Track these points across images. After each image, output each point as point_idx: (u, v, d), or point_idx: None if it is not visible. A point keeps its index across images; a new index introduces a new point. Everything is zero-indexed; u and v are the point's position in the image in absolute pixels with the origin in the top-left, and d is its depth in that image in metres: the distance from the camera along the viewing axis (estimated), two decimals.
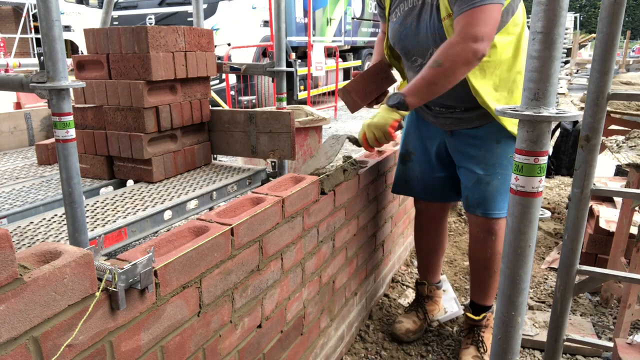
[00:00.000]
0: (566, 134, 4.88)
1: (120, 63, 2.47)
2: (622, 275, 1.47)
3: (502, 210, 1.92)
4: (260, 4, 8.52)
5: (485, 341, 2.07)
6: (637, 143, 2.37)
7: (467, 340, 2.10)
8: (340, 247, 1.89)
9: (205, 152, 2.90)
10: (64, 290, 0.81)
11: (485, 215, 1.93)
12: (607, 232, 2.62)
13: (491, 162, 1.89)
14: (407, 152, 2.18)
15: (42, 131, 3.48)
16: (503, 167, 1.90)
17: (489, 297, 2.09)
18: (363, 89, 2.06)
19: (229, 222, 1.22)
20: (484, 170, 1.90)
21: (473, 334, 2.09)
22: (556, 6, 0.93)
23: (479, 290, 2.10)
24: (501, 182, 1.90)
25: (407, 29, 1.87)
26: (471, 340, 2.08)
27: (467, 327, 2.12)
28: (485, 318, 2.09)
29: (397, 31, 1.91)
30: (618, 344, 1.39)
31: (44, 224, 1.96)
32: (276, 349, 1.51)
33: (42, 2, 1.41)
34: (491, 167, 1.89)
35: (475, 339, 2.07)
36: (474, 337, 2.08)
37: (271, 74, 3.00)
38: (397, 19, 1.90)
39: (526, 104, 0.99)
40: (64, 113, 1.51)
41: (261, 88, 8.62)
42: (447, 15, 1.71)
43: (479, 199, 1.93)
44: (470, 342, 2.07)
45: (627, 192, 1.46)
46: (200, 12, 3.33)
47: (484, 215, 1.93)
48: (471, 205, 1.97)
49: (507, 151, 1.89)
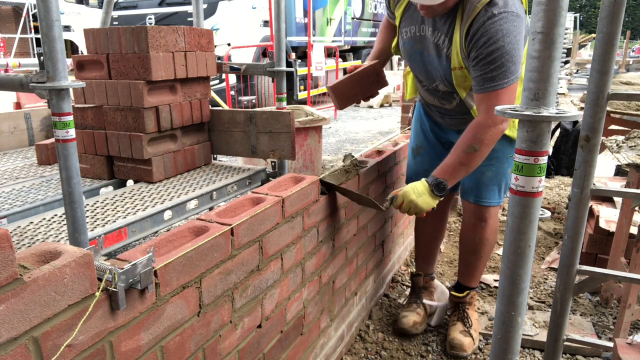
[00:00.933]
0: (566, 134, 4.88)
1: (120, 63, 2.47)
2: (622, 275, 1.47)
3: (493, 200, 2.10)
4: (260, 4, 8.52)
5: (470, 316, 2.22)
6: (637, 143, 2.37)
7: (453, 317, 2.24)
8: (340, 247, 1.89)
9: (205, 152, 2.90)
10: (64, 290, 0.81)
11: (477, 202, 2.10)
12: (607, 232, 2.63)
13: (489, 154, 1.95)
14: (417, 147, 2.31)
15: (42, 131, 3.48)
16: (498, 160, 2.03)
17: (474, 279, 2.26)
18: (347, 91, 2.07)
19: (229, 222, 1.22)
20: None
21: (458, 310, 2.24)
22: (556, 6, 0.93)
23: (465, 273, 2.25)
24: (494, 173, 2.05)
25: (416, 54, 1.96)
26: (457, 317, 2.23)
27: (453, 305, 2.28)
28: (469, 295, 2.24)
29: (407, 51, 1.99)
30: (618, 344, 1.39)
31: (44, 224, 1.96)
32: (276, 349, 1.51)
33: (42, 2, 1.41)
34: (487, 159, 1.93)
35: (460, 315, 2.22)
36: (459, 314, 2.23)
37: (271, 74, 3.00)
38: (408, 39, 1.96)
39: (526, 104, 0.99)
40: (64, 113, 1.51)
41: (261, 88, 8.62)
42: (459, 67, 1.79)
43: (472, 186, 2.09)
44: (457, 318, 2.22)
45: (627, 192, 1.46)
46: (200, 12, 3.33)
47: (476, 202, 2.10)
48: (465, 192, 2.13)
49: (504, 147, 2.00)
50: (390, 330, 2.28)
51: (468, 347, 2.12)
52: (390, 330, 2.28)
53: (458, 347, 2.11)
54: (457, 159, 1.78)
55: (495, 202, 2.10)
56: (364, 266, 2.20)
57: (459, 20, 1.74)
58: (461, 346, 2.11)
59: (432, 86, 1.99)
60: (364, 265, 2.20)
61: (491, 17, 1.65)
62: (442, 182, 1.78)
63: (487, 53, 1.66)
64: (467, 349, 2.11)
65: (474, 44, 1.69)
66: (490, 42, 1.65)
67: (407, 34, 1.94)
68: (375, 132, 7.75)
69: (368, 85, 2.09)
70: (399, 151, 2.48)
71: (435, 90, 2.01)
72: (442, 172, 1.79)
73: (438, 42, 1.83)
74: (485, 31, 1.65)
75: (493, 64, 1.67)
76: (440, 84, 1.95)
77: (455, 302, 2.26)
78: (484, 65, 1.68)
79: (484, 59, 1.68)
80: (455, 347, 2.11)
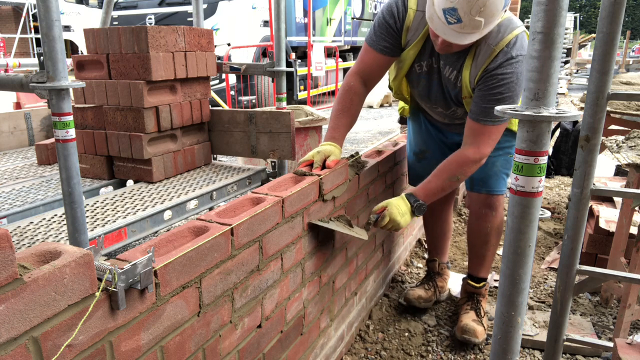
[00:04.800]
0: (566, 134, 4.88)
1: (120, 63, 2.46)
2: (622, 275, 1.47)
3: (502, 188, 2.16)
4: (260, 4, 8.52)
5: (482, 307, 2.27)
6: (637, 143, 2.37)
7: (466, 306, 2.28)
8: (340, 247, 1.89)
9: (205, 152, 2.90)
10: (64, 290, 0.81)
11: (489, 192, 2.15)
12: (607, 232, 2.63)
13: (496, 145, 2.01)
14: (422, 151, 2.35)
15: (42, 131, 3.48)
16: (504, 150, 2.10)
17: (486, 270, 2.30)
18: None
19: (229, 222, 1.22)
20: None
21: (472, 300, 2.29)
22: (556, 6, 0.93)
23: (477, 263, 2.28)
24: (502, 163, 2.13)
25: (432, 84, 2.00)
26: (470, 306, 2.27)
27: (466, 294, 2.32)
28: (484, 287, 2.29)
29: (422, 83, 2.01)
30: (618, 344, 1.39)
31: (44, 224, 1.96)
32: (276, 349, 1.51)
33: (42, 2, 1.41)
34: (495, 149, 1.98)
35: (474, 305, 2.27)
36: (473, 304, 2.27)
37: (271, 74, 3.00)
38: (424, 73, 1.98)
39: (526, 104, 0.99)
40: (64, 113, 1.51)
41: (261, 88, 8.62)
42: (469, 97, 1.88)
43: (484, 178, 2.13)
44: (470, 307, 2.26)
45: (627, 192, 1.46)
46: (200, 12, 3.33)
47: (487, 192, 2.15)
48: (476, 185, 2.16)
49: (508, 137, 2.05)
50: (391, 330, 2.28)
51: (480, 335, 2.13)
52: (391, 330, 2.28)
53: (471, 332, 2.11)
54: (441, 184, 1.88)
55: (504, 190, 2.17)
56: (364, 266, 2.20)
57: (471, 59, 1.80)
58: (474, 332, 2.11)
59: (449, 111, 2.07)
60: (364, 265, 2.20)
61: (510, 59, 1.74)
62: (423, 205, 1.87)
63: (497, 91, 1.75)
64: (479, 336, 2.12)
65: (486, 78, 1.77)
66: (502, 81, 1.74)
67: (423, 67, 1.96)
68: (375, 132, 7.75)
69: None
70: (399, 151, 2.47)
71: (452, 114, 2.09)
72: (424, 195, 1.88)
73: (450, 76, 1.90)
74: (501, 72, 1.74)
75: (498, 102, 1.74)
76: (458, 109, 2.03)
77: (470, 292, 2.30)
78: (490, 99, 1.76)
79: (493, 95, 1.76)
80: (468, 332, 2.11)
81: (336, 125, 1.93)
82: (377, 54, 1.93)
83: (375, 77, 2.00)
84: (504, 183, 2.17)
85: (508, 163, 2.15)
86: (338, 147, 1.86)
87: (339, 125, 1.93)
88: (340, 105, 1.96)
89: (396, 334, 2.25)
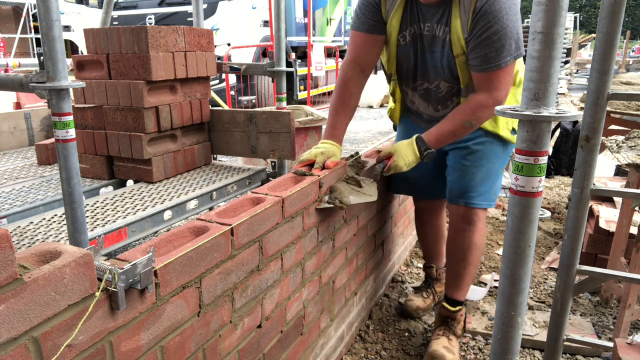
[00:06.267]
0: (566, 134, 4.88)
1: (120, 63, 2.47)
2: (622, 275, 1.47)
3: (482, 202, 2.00)
4: (260, 4, 8.53)
5: (455, 333, 2.11)
6: (637, 143, 2.37)
7: (438, 331, 2.13)
8: (340, 247, 1.89)
9: (205, 152, 2.90)
10: (64, 290, 0.81)
11: (467, 204, 2.00)
12: (607, 232, 2.63)
13: (478, 154, 1.99)
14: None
15: (42, 131, 3.49)
16: (489, 160, 2.00)
17: (462, 291, 2.13)
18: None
19: (229, 222, 1.22)
20: (471, 162, 2.00)
21: (447, 326, 2.13)
22: (556, 6, 0.93)
23: (453, 283, 2.13)
24: (485, 174, 1.99)
25: (417, 56, 1.92)
26: (443, 332, 2.11)
27: (440, 318, 2.16)
28: (460, 312, 2.13)
29: (407, 56, 1.94)
30: (618, 344, 1.39)
31: (44, 224, 1.96)
32: (276, 349, 1.51)
33: (42, 2, 1.41)
34: (477, 159, 1.96)
35: (447, 331, 2.11)
36: (446, 329, 2.11)
37: (271, 74, 3.00)
38: (409, 42, 1.92)
39: (526, 104, 0.99)
40: (64, 113, 1.51)
41: (261, 88, 8.62)
42: (462, 53, 1.80)
43: (462, 189, 2.00)
44: (442, 333, 2.10)
45: (627, 192, 1.46)
46: (200, 12, 3.33)
47: (465, 204, 2.00)
48: (454, 196, 2.03)
49: (493, 145, 2.00)
50: (391, 330, 2.28)
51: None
52: (391, 330, 2.28)
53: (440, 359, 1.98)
54: (453, 129, 1.82)
55: (485, 203, 2.01)
56: (364, 266, 2.20)
57: (457, 6, 1.74)
58: (443, 358, 1.97)
59: (433, 86, 1.96)
60: (364, 265, 2.20)
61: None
62: (433, 152, 1.83)
63: (491, 33, 1.69)
64: None
65: (477, 20, 1.70)
66: (493, 21, 1.68)
67: (407, 37, 1.91)
68: (375, 132, 7.75)
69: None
70: None
71: (435, 91, 1.97)
72: (435, 141, 1.84)
73: (437, 34, 1.83)
74: (489, 11, 1.67)
75: (496, 43, 1.69)
76: (442, 82, 1.92)
77: (444, 315, 2.14)
78: (487, 45, 1.71)
79: (488, 38, 1.70)
80: (437, 359, 1.98)
81: (336, 123, 1.92)
82: (365, 35, 1.93)
83: (370, 60, 1.97)
84: (483, 197, 2.00)
85: (490, 175, 2.00)
86: (339, 146, 1.86)
87: (339, 122, 1.93)
88: (339, 99, 1.94)
89: (396, 334, 2.25)
